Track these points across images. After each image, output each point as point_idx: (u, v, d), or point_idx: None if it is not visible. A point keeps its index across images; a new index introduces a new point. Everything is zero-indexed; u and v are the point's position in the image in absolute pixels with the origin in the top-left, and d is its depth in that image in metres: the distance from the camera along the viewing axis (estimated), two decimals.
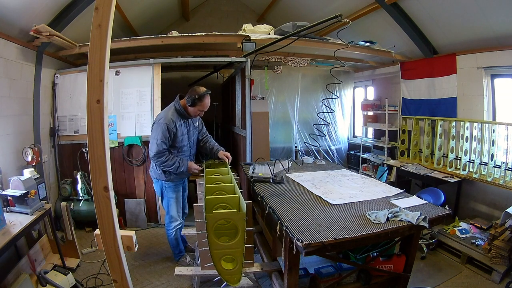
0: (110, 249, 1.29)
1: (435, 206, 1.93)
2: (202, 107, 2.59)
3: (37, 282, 2.29)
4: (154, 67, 3.71)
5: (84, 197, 3.58)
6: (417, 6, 3.64)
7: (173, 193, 2.75)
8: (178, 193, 2.81)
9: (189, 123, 2.72)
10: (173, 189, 2.74)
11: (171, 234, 2.82)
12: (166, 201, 2.79)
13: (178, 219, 2.80)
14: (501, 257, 2.65)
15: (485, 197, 3.55)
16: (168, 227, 2.83)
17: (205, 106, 2.60)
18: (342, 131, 6.18)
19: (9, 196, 2.34)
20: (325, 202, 1.97)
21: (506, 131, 3.24)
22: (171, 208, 2.78)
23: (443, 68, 3.98)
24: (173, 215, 2.78)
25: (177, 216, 2.79)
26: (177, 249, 2.92)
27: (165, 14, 5.89)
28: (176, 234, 2.82)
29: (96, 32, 1.16)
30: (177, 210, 2.80)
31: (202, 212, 1.72)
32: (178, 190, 2.80)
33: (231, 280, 1.72)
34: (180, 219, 2.82)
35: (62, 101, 3.80)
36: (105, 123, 1.19)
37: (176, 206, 2.79)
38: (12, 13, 2.75)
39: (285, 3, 5.71)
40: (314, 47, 4.07)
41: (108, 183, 1.22)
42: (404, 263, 1.95)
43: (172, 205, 2.77)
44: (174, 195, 2.76)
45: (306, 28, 2.98)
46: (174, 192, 2.76)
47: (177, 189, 2.78)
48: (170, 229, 2.81)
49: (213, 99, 2.94)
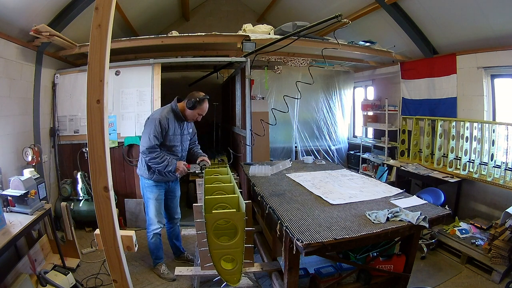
0: (110, 249, 1.30)
1: (435, 206, 1.93)
2: (201, 111, 2.62)
3: (37, 282, 2.29)
4: (154, 67, 3.71)
5: (84, 197, 3.58)
6: (417, 6, 3.64)
7: (151, 193, 2.64)
8: (159, 195, 2.67)
9: (184, 127, 2.69)
10: (151, 189, 2.64)
11: (149, 237, 2.73)
12: (145, 201, 2.71)
13: (156, 223, 2.67)
14: (501, 257, 2.65)
15: (485, 197, 3.55)
16: (147, 230, 2.74)
17: (204, 110, 2.63)
18: (342, 131, 6.18)
19: (9, 196, 2.34)
20: (325, 202, 1.97)
21: (506, 131, 3.24)
22: (149, 210, 2.68)
23: (443, 68, 3.98)
24: (151, 217, 2.67)
25: (155, 219, 2.67)
26: (153, 254, 2.81)
27: (165, 14, 5.90)
28: (155, 239, 2.71)
29: (96, 32, 1.16)
30: (156, 213, 2.67)
31: (201, 212, 1.72)
32: (159, 192, 2.67)
33: (231, 280, 1.72)
34: (158, 224, 2.68)
35: (62, 101, 3.80)
36: (105, 123, 1.19)
37: (155, 209, 2.66)
38: (12, 13, 2.75)
39: (285, 3, 5.71)
40: (314, 47, 4.07)
41: (108, 183, 1.22)
42: (404, 263, 1.95)
43: (150, 207, 2.67)
44: (152, 195, 2.64)
45: (306, 28, 2.98)
46: (153, 192, 2.64)
47: (157, 190, 2.65)
48: (148, 232, 2.72)
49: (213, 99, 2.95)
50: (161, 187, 2.69)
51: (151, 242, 2.73)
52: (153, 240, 2.72)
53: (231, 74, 5.07)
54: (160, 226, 2.72)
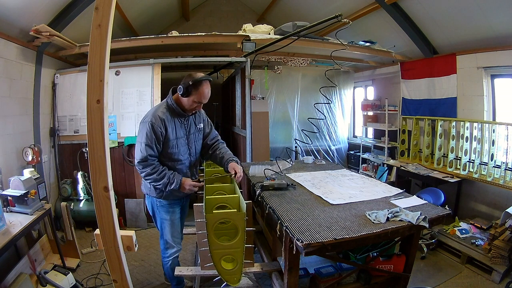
0: (110, 249, 1.29)
1: (435, 206, 1.92)
2: (199, 97, 1.96)
3: (37, 282, 2.29)
4: (154, 67, 3.71)
5: (84, 197, 3.58)
6: (417, 6, 3.64)
7: (167, 214, 2.16)
8: (174, 214, 2.20)
9: (189, 124, 2.12)
10: (167, 208, 2.16)
11: (167, 263, 2.26)
12: (159, 223, 2.22)
13: (175, 245, 2.23)
14: (501, 257, 2.65)
15: (485, 197, 3.55)
16: (164, 254, 2.27)
17: (203, 95, 1.96)
18: (342, 131, 6.18)
19: (9, 196, 2.34)
20: (325, 202, 1.97)
21: (506, 131, 3.24)
22: (165, 232, 2.20)
23: (443, 68, 3.98)
24: (168, 240, 2.21)
25: (172, 242, 2.21)
26: (174, 280, 2.32)
27: (165, 14, 5.90)
28: (173, 263, 2.25)
29: (96, 32, 1.16)
30: (173, 234, 2.21)
31: (202, 212, 1.72)
32: (174, 211, 2.20)
33: (231, 280, 1.72)
34: (177, 246, 2.24)
35: (62, 101, 3.80)
36: (105, 123, 1.19)
37: (172, 229, 2.20)
38: (12, 13, 2.75)
39: (285, 3, 5.71)
40: (314, 47, 4.07)
41: (108, 183, 1.22)
42: (404, 263, 1.95)
43: (166, 228, 2.19)
44: (168, 216, 2.17)
45: (306, 28, 2.98)
46: (169, 213, 2.17)
47: (172, 209, 2.18)
48: (165, 257, 2.25)
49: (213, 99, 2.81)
50: (176, 205, 2.21)
51: (170, 269, 2.22)
52: (171, 265, 2.24)
53: (231, 74, 5.07)
54: (179, 248, 2.28)
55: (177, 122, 2.06)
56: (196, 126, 2.19)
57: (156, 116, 1.95)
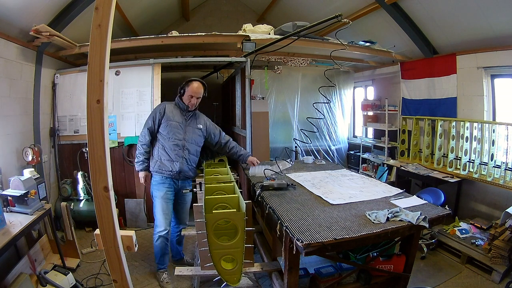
0: (110, 249, 1.29)
1: (435, 206, 1.93)
2: (190, 92, 2.51)
3: (37, 282, 2.29)
4: (154, 67, 3.71)
5: (84, 197, 3.58)
6: (417, 6, 3.64)
7: (157, 191, 2.49)
8: (165, 193, 2.50)
9: (189, 117, 2.59)
10: (158, 186, 2.49)
11: (155, 240, 2.57)
12: (153, 201, 2.56)
13: (162, 225, 2.50)
14: (501, 257, 2.65)
15: (485, 197, 3.55)
16: (154, 231, 2.59)
17: (193, 90, 2.51)
18: (342, 131, 6.18)
19: (9, 196, 2.34)
20: (325, 202, 1.98)
21: (506, 131, 3.24)
22: (155, 210, 2.52)
23: (443, 68, 3.98)
24: (157, 218, 2.52)
25: (161, 221, 2.49)
26: (157, 258, 2.63)
27: (165, 14, 5.90)
28: (160, 241, 2.53)
29: (96, 32, 1.16)
30: (163, 214, 2.49)
31: (201, 212, 1.72)
32: (166, 191, 2.50)
33: (231, 280, 1.72)
34: (163, 226, 2.50)
35: (62, 101, 3.80)
36: (105, 123, 1.19)
37: (162, 209, 2.49)
38: (12, 13, 2.75)
39: (285, 3, 5.71)
40: (314, 47, 4.06)
41: (108, 183, 1.22)
42: (404, 263, 1.95)
43: (156, 206, 2.51)
44: (158, 193, 2.49)
45: (306, 28, 2.98)
46: (159, 190, 2.49)
47: (163, 188, 2.49)
48: (154, 233, 2.57)
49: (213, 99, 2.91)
50: (169, 185, 2.52)
51: (157, 245, 2.57)
52: (157, 243, 2.55)
53: (231, 74, 5.06)
54: (166, 229, 2.53)
55: (179, 112, 2.58)
56: (198, 125, 2.63)
57: (163, 103, 2.60)
